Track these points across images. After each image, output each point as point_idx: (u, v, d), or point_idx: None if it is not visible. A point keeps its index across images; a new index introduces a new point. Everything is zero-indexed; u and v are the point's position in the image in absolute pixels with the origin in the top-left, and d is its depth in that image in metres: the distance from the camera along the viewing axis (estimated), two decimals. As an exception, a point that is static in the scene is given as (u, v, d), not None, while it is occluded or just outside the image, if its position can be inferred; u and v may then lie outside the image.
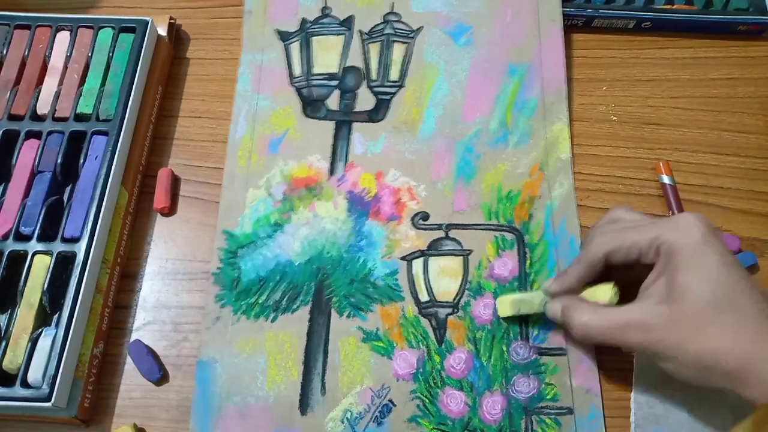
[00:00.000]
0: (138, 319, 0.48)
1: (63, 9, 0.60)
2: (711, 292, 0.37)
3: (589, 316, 0.41)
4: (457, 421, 0.44)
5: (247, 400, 0.45)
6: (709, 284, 0.37)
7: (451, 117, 0.54)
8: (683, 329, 0.37)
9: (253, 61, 0.56)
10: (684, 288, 0.37)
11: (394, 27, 0.57)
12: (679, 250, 0.38)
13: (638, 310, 0.39)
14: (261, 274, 0.48)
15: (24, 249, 0.46)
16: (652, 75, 0.57)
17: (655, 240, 0.39)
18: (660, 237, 0.39)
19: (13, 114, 0.52)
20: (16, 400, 0.42)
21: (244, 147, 0.53)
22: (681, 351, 0.37)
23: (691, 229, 0.38)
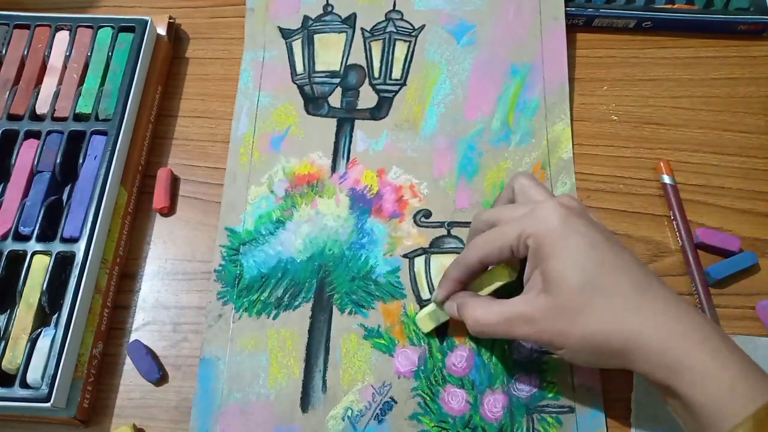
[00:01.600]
0: (137, 320, 0.48)
1: (62, 8, 0.60)
2: (580, 276, 0.36)
3: (480, 312, 0.40)
4: (458, 419, 0.44)
5: (249, 397, 0.45)
6: (576, 268, 0.37)
7: (453, 116, 0.54)
8: (563, 317, 0.37)
9: (255, 58, 0.56)
10: (555, 276, 0.37)
11: (396, 25, 0.57)
12: (543, 240, 0.37)
13: (521, 304, 0.39)
14: (263, 271, 0.48)
15: (23, 249, 0.46)
16: (652, 75, 0.57)
17: (520, 236, 0.38)
18: (523, 231, 0.38)
19: (12, 114, 0.51)
20: (15, 400, 0.42)
21: (246, 144, 0.53)
22: (567, 338, 0.37)
23: (550, 217, 0.38)
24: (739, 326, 0.47)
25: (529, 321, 0.38)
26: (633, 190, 0.53)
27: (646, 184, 0.53)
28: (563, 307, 0.37)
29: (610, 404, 0.45)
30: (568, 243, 0.37)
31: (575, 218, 0.38)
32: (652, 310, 0.36)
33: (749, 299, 0.48)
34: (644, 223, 0.51)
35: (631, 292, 0.36)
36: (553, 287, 0.37)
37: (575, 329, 0.37)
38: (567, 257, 0.37)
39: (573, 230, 0.37)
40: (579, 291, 0.36)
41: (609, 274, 0.37)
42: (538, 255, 0.38)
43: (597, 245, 0.37)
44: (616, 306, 0.36)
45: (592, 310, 0.36)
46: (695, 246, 0.50)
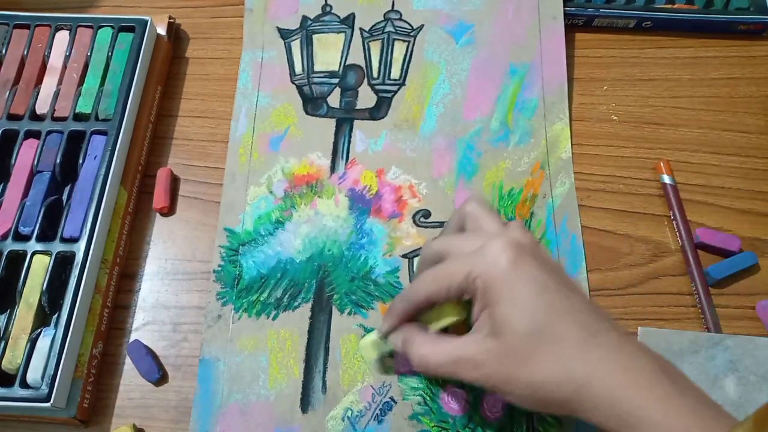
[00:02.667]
0: (137, 320, 0.48)
1: (62, 8, 0.60)
2: (528, 322, 0.35)
3: (425, 350, 0.38)
4: (458, 418, 0.44)
5: (249, 398, 0.45)
6: (524, 313, 0.35)
7: (452, 115, 0.54)
8: (510, 363, 0.35)
9: (253, 58, 0.56)
10: (502, 321, 0.35)
11: (394, 25, 0.57)
12: (492, 282, 0.35)
13: (468, 345, 0.37)
14: (262, 271, 0.48)
15: (23, 249, 0.46)
16: (652, 74, 0.57)
17: (468, 276, 0.36)
18: (471, 271, 0.36)
19: (12, 114, 0.51)
20: (15, 400, 0.42)
21: (245, 145, 0.53)
22: (514, 385, 0.35)
23: (498, 258, 0.36)
24: (739, 326, 0.48)
25: (476, 365, 0.36)
26: (633, 190, 0.53)
27: (646, 184, 0.53)
28: (511, 352, 0.35)
29: (610, 404, 0.45)
30: (516, 287, 0.35)
31: (525, 259, 0.36)
32: (600, 357, 0.34)
33: (749, 299, 0.48)
34: (644, 223, 0.51)
35: (580, 338, 0.35)
36: (501, 332, 0.35)
37: (522, 376, 0.35)
38: (515, 302, 0.35)
39: (522, 273, 0.36)
40: (527, 337, 0.35)
41: (558, 320, 0.35)
42: (486, 297, 0.36)
43: (546, 289, 0.35)
44: (564, 353, 0.34)
45: (540, 358, 0.35)
46: (695, 246, 0.50)
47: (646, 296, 0.49)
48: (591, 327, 0.35)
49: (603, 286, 0.49)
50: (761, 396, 0.44)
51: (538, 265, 0.36)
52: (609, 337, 0.35)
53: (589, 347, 0.34)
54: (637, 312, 0.48)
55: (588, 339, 0.35)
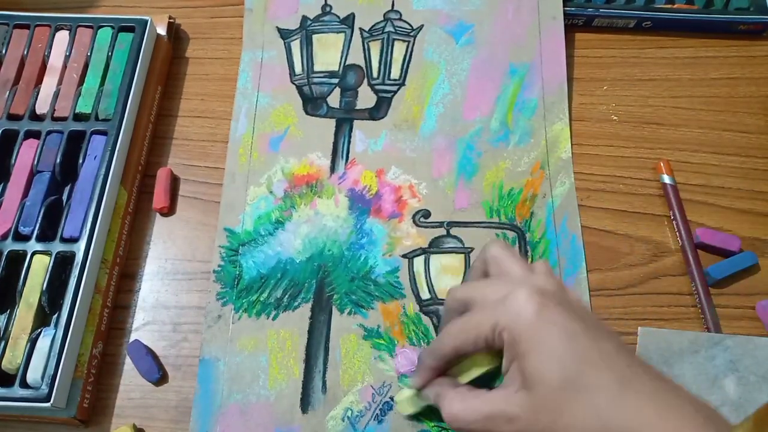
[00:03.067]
0: (137, 320, 0.48)
1: (62, 8, 0.60)
2: (559, 372, 0.34)
3: (458, 407, 0.37)
4: (458, 419, 0.44)
5: (249, 398, 0.45)
6: (554, 364, 0.34)
7: (452, 116, 0.54)
8: (544, 416, 0.34)
9: (253, 58, 0.56)
10: (533, 373, 0.34)
11: (394, 25, 0.57)
12: (519, 334, 0.35)
13: (500, 401, 0.36)
14: (262, 271, 0.48)
15: (23, 249, 0.46)
16: (652, 74, 0.57)
17: (494, 328, 0.36)
18: (497, 323, 0.35)
19: (12, 114, 0.51)
20: (15, 400, 0.42)
21: (245, 145, 0.53)
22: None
23: (524, 308, 0.35)
24: (739, 326, 0.47)
25: (510, 420, 0.35)
26: (633, 190, 0.53)
27: (646, 184, 0.53)
28: (544, 405, 0.34)
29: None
30: (544, 337, 0.34)
31: (552, 308, 0.35)
32: (637, 406, 0.33)
33: (749, 299, 0.48)
34: (644, 223, 0.51)
35: (614, 386, 0.33)
36: (533, 385, 0.34)
37: (558, 429, 0.34)
38: (544, 353, 0.34)
39: (549, 322, 0.35)
40: (559, 389, 0.34)
41: (589, 368, 0.34)
42: (514, 349, 0.35)
43: (575, 337, 0.34)
44: (599, 404, 0.33)
45: (574, 410, 0.33)
46: (695, 246, 0.50)
47: (646, 296, 0.49)
48: (625, 373, 0.34)
49: (603, 286, 0.49)
50: (761, 396, 0.44)
51: (565, 312, 0.35)
52: (643, 383, 0.34)
53: (624, 395, 0.33)
54: (637, 312, 0.48)
55: (622, 386, 0.33)
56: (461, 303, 0.39)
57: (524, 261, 0.39)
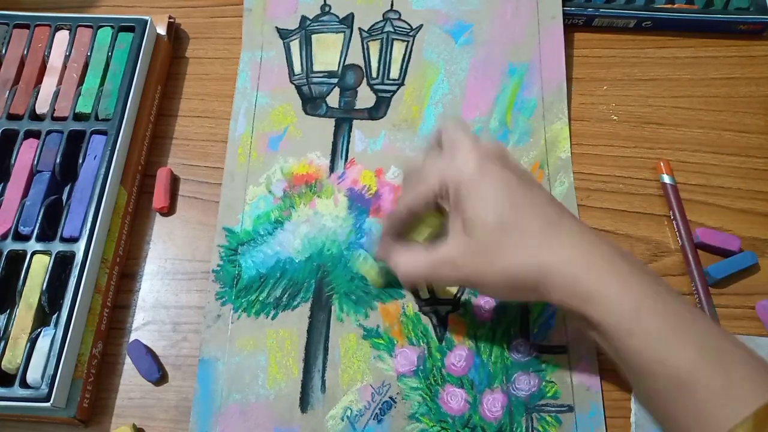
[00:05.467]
0: (137, 319, 0.48)
1: (62, 8, 0.60)
2: (494, 216, 0.38)
3: (405, 258, 0.42)
4: (457, 418, 0.44)
5: (248, 398, 0.45)
6: (492, 208, 0.38)
7: (451, 115, 0.54)
8: (483, 257, 0.38)
9: (252, 58, 0.56)
10: (473, 218, 0.38)
11: (393, 25, 0.57)
12: (461, 186, 0.39)
13: (445, 248, 0.40)
14: (261, 271, 0.48)
15: (23, 249, 0.46)
16: (652, 74, 0.57)
17: (441, 183, 0.40)
18: (443, 178, 0.39)
19: (12, 113, 0.51)
20: (15, 400, 0.42)
21: (244, 145, 0.53)
22: (488, 278, 0.39)
23: (466, 162, 0.39)
24: (739, 326, 0.47)
25: (452, 263, 0.40)
26: (633, 190, 0.53)
27: (646, 184, 0.53)
28: (482, 247, 0.38)
29: (610, 403, 0.45)
30: (482, 186, 0.38)
31: (490, 161, 0.39)
32: (562, 244, 0.37)
33: (749, 299, 0.48)
34: (644, 223, 0.51)
35: (543, 228, 0.38)
36: (471, 229, 0.38)
37: (494, 267, 0.38)
38: (483, 199, 0.38)
39: (487, 173, 0.38)
40: (494, 231, 0.38)
41: (522, 213, 0.38)
42: (457, 200, 0.39)
43: (510, 186, 0.38)
44: (529, 243, 0.37)
45: (507, 248, 0.38)
46: (695, 246, 0.49)
47: (646, 296, 0.49)
48: (553, 218, 0.38)
49: (603, 286, 0.49)
50: (761, 396, 0.44)
51: (503, 166, 0.39)
52: (570, 227, 0.38)
53: (552, 235, 0.38)
54: (637, 312, 0.48)
55: (550, 228, 0.38)
56: (414, 170, 0.43)
57: (474, 134, 0.42)
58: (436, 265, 0.41)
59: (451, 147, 0.41)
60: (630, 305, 0.35)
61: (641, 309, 0.35)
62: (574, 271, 0.37)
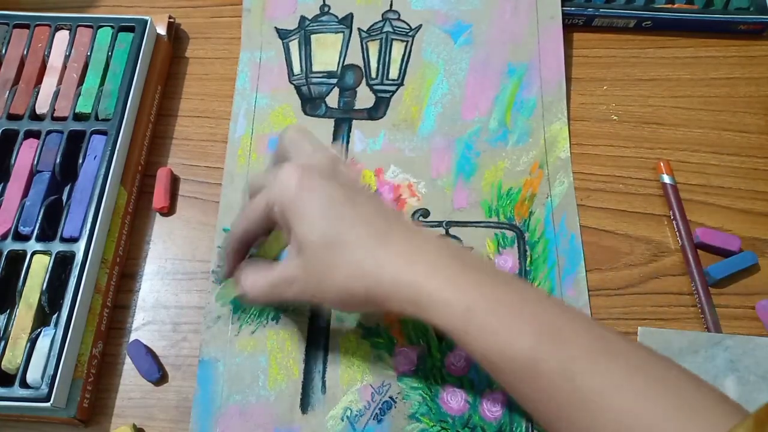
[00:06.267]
0: (137, 319, 0.48)
1: (62, 8, 0.60)
2: (320, 234, 0.37)
3: (251, 279, 0.41)
4: (457, 418, 0.44)
5: (249, 399, 0.45)
6: (315, 227, 0.38)
7: (451, 115, 0.54)
8: (315, 274, 0.38)
9: (251, 59, 0.56)
10: (300, 237, 0.38)
11: (393, 25, 0.57)
12: (285, 205, 0.38)
13: (283, 267, 0.40)
14: (261, 272, 0.48)
15: (23, 249, 0.46)
16: (652, 74, 0.57)
17: (267, 204, 0.39)
18: (269, 199, 0.39)
19: (11, 113, 0.51)
20: (15, 400, 0.42)
21: (244, 146, 0.53)
22: (324, 293, 0.39)
23: (288, 180, 0.38)
24: (739, 326, 0.47)
25: (291, 283, 0.39)
26: (633, 190, 0.53)
27: (646, 184, 0.53)
28: (313, 265, 0.38)
29: (609, 404, 0.45)
30: (305, 204, 0.38)
31: (312, 177, 0.38)
32: (388, 253, 0.37)
33: (749, 299, 0.48)
34: (644, 223, 0.51)
35: (369, 241, 0.37)
36: (302, 248, 0.38)
37: (327, 283, 0.38)
38: (306, 218, 0.38)
39: (309, 190, 0.38)
40: (322, 248, 0.38)
41: (347, 228, 0.38)
42: (285, 220, 0.39)
43: (333, 202, 0.38)
44: (356, 256, 0.37)
45: (337, 264, 0.37)
46: (695, 246, 0.49)
47: (646, 296, 0.49)
48: (380, 230, 0.38)
49: (603, 286, 0.49)
50: (761, 396, 0.44)
51: (325, 181, 0.39)
52: (398, 237, 0.38)
53: (379, 246, 0.37)
54: (637, 312, 0.48)
55: (377, 239, 0.37)
56: (254, 187, 0.42)
57: (319, 143, 0.42)
58: (274, 285, 0.40)
59: (279, 164, 0.40)
60: (461, 305, 0.35)
61: (473, 308, 0.35)
62: (402, 278, 0.36)
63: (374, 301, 0.37)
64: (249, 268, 0.42)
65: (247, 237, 0.42)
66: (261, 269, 0.41)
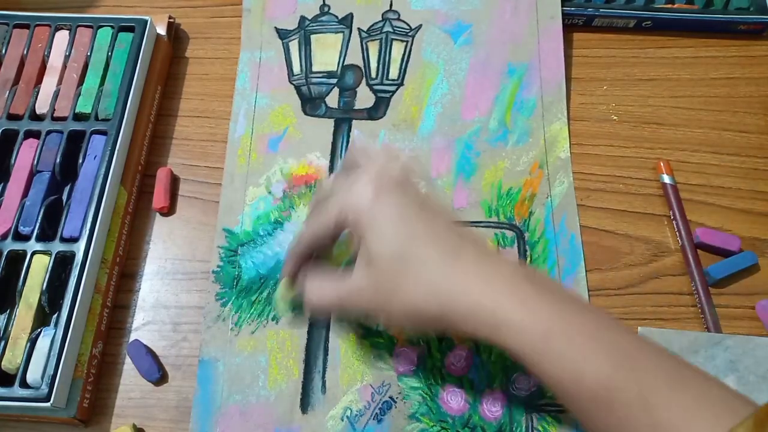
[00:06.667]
0: (137, 319, 0.48)
1: (62, 8, 0.60)
2: (392, 249, 0.37)
3: (316, 292, 0.41)
4: (457, 418, 0.44)
5: (249, 399, 0.45)
6: (387, 240, 0.37)
7: (451, 115, 0.54)
8: (384, 288, 0.38)
9: (251, 59, 0.56)
10: (373, 250, 0.38)
11: (392, 25, 0.57)
12: (360, 216, 0.38)
13: (351, 279, 0.39)
14: (261, 272, 0.48)
15: (23, 249, 0.46)
16: (652, 74, 0.57)
17: (341, 212, 0.39)
18: (343, 208, 0.39)
19: (12, 113, 0.51)
20: (15, 400, 0.42)
21: (244, 146, 0.53)
22: (390, 308, 0.38)
23: (363, 192, 0.38)
24: (739, 326, 0.47)
25: (357, 295, 0.39)
26: (633, 190, 0.53)
27: (646, 184, 0.53)
28: (382, 280, 0.38)
29: (609, 404, 0.45)
30: (379, 217, 0.38)
31: (388, 191, 0.38)
32: (462, 273, 0.36)
33: (749, 299, 0.48)
34: (644, 223, 0.51)
35: (441, 259, 0.37)
36: (373, 261, 0.38)
37: (395, 299, 0.37)
38: (380, 231, 0.37)
39: (384, 204, 0.38)
40: (393, 262, 0.37)
41: (420, 245, 0.37)
42: (357, 230, 0.38)
43: (407, 217, 0.38)
44: (428, 275, 0.37)
45: (407, 280, 0.37)
46: (695, 246, 0.49)
47: (646, 296, 0.49)
48: (453, 248, 0.37)
49: (603, 286, 0.49)
50: (761, 396, 0.44)
51: (400, 195, 0.38)
52: (471, 256, 0.37)
53: (452, 264, 0.37)
54: (637, 312, 0.48)
55: (449, 258, 0.37)
56: (323, 193, 0.42)
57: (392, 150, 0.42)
58: (342, 297, 0.40)
59: (353, 175, 0.40)
60: (538, 329, 0.35)
61: (550, 332, 0.34)
62: (477, 299, 0.36)
63: (447, 322, 0.37)
64: (315, 275, 0.42)
65: (315, 241, 0.42)
66: (328, 279, 0.41)
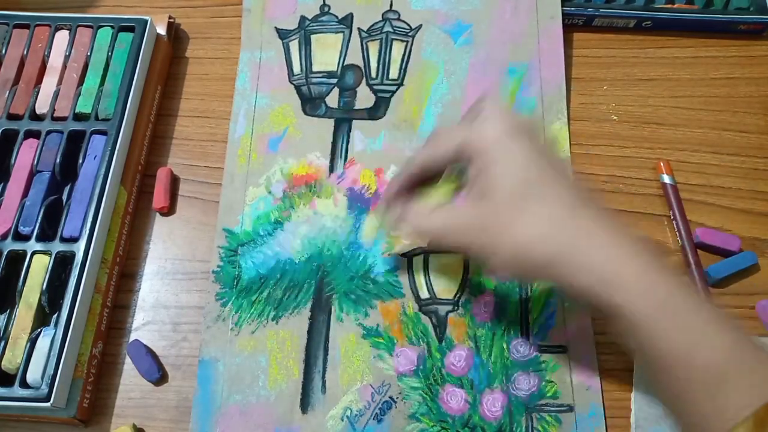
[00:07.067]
0: (137, 319, 0.48)
1: (62, 8, 0.60)
2: (517, 184, 0.36)
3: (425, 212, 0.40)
4: (457, 418, 0.44)
5: (249, 399, 0.45)
6: (513, 177, 0.36)
7: (451, 115, 0.54)
8: (497, 224, 0.37)
9: (252, 59, 0.56)
10: (492, 184, 0.37)
11: (393, 25, 0.57)
12: (485, 149, 0.37)
13: (461, 209, 0.39)
14: (261, 272, 0.48)
15: (23, 249, 0.46)
16: (652, 74, 0.57)
17: (462, 144, 0.38)
18: (466, 140, 0.38)
19: (11, 113, 0.51)
20: (15, 400, 0.42)
21: (244, 146, 0.53)
22: (499, 246, 0.37)
23: (494, 127, 0.38)
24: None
25: (465, 227, 0.38)
26: (633, 190, 0.53)
27: (646, 184, 0.53)
28: (497, 215, 0.37)
29: (610, 403, 0.45)
30: (507, 153, 0.37)
31: (519, 132, 0.38)
32: (586, 225, 0.35)
33: (749, 299, 0.48)
34: (644, 223, 0.51)
35: (567, 204, 0.36)
36: (491, 193, 0.37)
37: (506, 237, 0.36)
38: (505, 166, 0.37)
39: (516, 141, 0.37)
40: (513, 198, 0.36)
41: (548, 184, 0.36)
42: (478, 163, 0.38)
43: (535, 159, 0.37)
44: (552, 215, 0.36)
45: (524, 218, 0.36)
46: (695, 246, 0.49)
47: (646, 296, 0.49)
48: (579, 198, 0.36)
49: (602, 286, 0.49)
50: (761, 396, 0.44)
51: (529, 138, 0.38)
52: (595, 209, 0.36)
53: (576, 214, 0.36)
54: (637, 312, 0.48)
55: (575, 207, 0.36)
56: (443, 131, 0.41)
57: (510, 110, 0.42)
58: (448, 225, 0.39)
59: (483, 115, 0.39)
60: (659, 295, 0.33)
61: (670, 300, 0.33)
62: (597, 254, 0.34)
63: (554, 271, 0.36)
64: (417, 204, 0.41)
65: (430, 164, 0.41)
66: (435, 207, 0.40)
